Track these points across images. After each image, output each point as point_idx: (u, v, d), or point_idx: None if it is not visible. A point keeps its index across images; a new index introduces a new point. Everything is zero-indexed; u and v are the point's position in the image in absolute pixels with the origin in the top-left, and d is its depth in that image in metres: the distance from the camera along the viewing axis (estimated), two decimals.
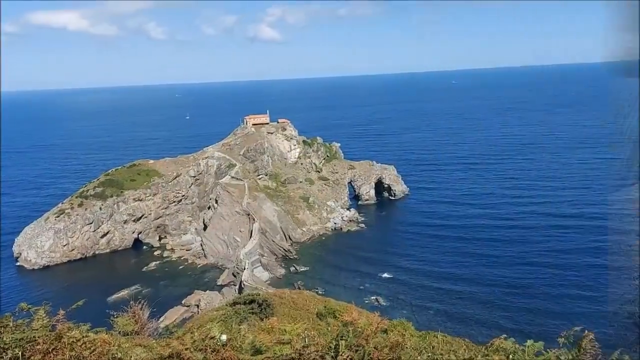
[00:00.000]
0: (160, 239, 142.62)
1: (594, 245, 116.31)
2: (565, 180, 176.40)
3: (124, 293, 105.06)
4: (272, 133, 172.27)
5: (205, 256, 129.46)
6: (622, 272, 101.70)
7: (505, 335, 8.49)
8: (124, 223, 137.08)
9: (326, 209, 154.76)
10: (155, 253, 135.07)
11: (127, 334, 10.37)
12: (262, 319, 25.19)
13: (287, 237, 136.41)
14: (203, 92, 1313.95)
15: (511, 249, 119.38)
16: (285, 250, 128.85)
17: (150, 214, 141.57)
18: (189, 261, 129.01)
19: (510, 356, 7.63)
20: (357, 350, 7.47)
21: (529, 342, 7.91)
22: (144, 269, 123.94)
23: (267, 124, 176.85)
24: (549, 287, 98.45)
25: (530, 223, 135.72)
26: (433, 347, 8.74)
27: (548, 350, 8.00)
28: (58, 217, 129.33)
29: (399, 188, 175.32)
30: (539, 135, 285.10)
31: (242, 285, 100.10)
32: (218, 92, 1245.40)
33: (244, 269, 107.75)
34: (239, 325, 22.57)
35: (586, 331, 8.05)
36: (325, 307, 30.57)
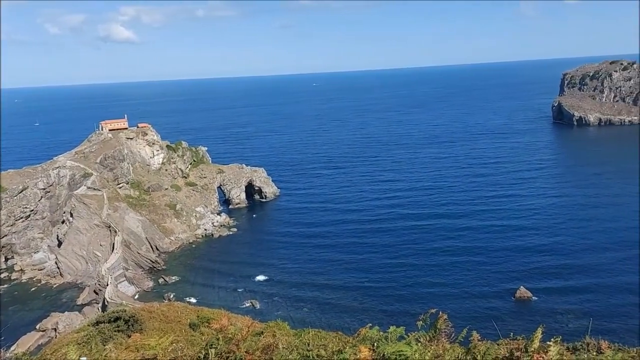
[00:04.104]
0: (6, 259, 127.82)
1: (447, 244, 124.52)
2: (422, 180, 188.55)
3: None
4: (131, 138, 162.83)
5: (61, 275, 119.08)
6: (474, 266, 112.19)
7: (370, 324, 8.97)
8: None
9: (195, 216, 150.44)
10: (2, 276, 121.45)
11: None
12: (129, 337, 23.71)
13: (154, 247, 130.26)
14: (54, 96, 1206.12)
15: (373, 250, 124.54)
16: (153, 262, 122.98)
17: None
18: (43, 282, 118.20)
19: (375, 344, 8.05)
20: (228, 357, 7.35)
21: (392, 328, 8.43)
22: None
23: (126, 129, 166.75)
24: (409, 287, 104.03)
25: (391, 225, 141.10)
26: (308, 344, 8.91)
27: (409, 334, 8.59)
28: None
29: (270, 190, 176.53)
30: (396, 134, 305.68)
31: (106, 303, 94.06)
32: (72, 96, 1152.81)
33: (107, 285, 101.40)
34: (104, 345, 21.01)
35: (440, 312, 8.80)
36: (198, 316, 29.65)
